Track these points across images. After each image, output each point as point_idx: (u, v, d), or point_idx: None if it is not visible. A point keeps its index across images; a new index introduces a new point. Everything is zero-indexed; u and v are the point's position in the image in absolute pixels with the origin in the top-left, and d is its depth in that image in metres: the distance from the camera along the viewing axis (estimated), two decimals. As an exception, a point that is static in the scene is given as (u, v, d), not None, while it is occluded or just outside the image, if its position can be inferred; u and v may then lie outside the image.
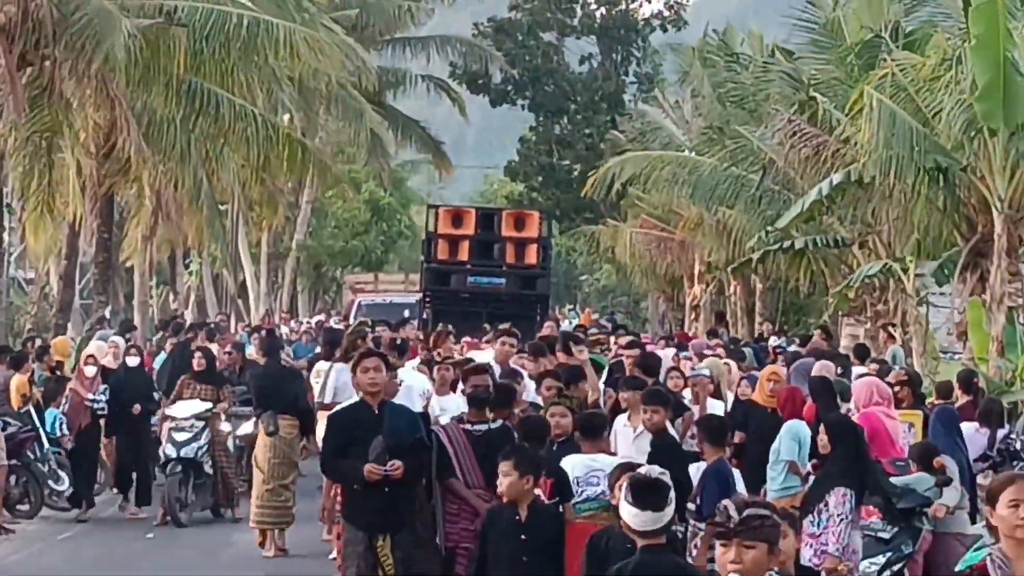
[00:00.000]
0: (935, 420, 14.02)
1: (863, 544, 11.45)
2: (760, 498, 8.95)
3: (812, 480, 11.98)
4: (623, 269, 48.33)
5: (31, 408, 18.92)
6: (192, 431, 18.18)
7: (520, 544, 9.23)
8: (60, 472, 18.81)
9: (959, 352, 23.99)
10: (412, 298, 33.55)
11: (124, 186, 29.24)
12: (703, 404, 14.94)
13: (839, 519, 10.78)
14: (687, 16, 58.86)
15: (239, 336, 29.31)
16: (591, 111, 58.57)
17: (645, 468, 7.73)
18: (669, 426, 11.92)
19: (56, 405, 19.32)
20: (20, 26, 23.20)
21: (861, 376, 16.07)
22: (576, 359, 14.77)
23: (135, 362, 19.66)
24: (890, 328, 25.10)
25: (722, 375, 16.89)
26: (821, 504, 10.92)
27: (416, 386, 14.55)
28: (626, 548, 7.36)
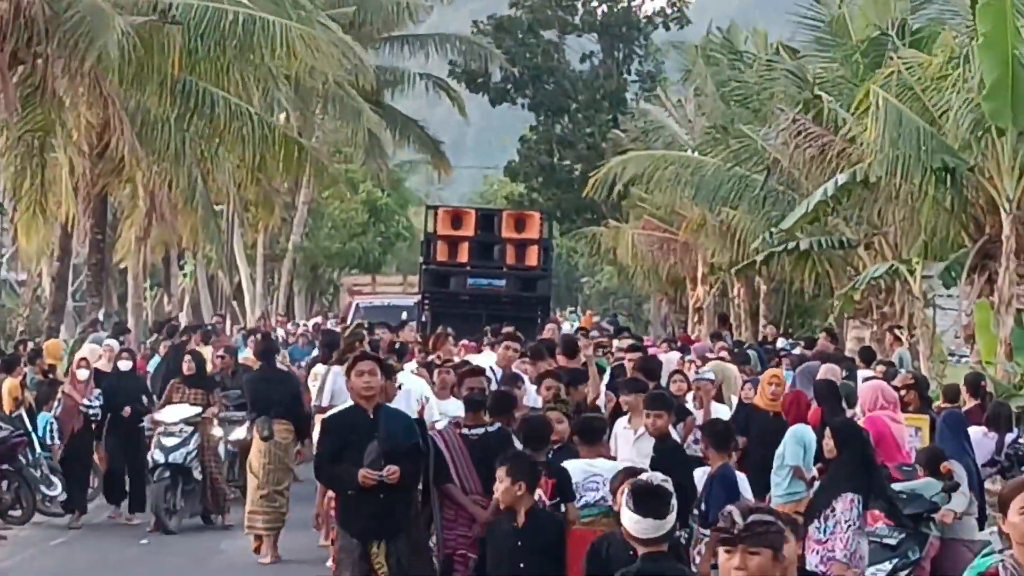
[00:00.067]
0: (942, 424, 14.05)
1: (869, 550, 11.36)
2: (764, 504, 9.03)
3: (818, 485, 11.92)
4: (625, 271, 48.16)
5: (23, 412, 18.77)
6: (181, 436, 17.98)
7: (517, 551, 9.18)
8: (53, 477, 18.65)
9: (966, 355, 24.09)
10: (410, 300, 33.44)
11: (118, 186, 29.29)
12: (707, 409, 14.89)
13: (847, 525, 10.74)
14: (690, 13, 58.98)
15: (235, 339, 29.20)
16: (592, 110, 58.62)
17: (647, 474, 7.68)
18: (671, 430, 11.89)
19: (48, 409, 19.22)
20: (12, 23, 23.03)
21: (867, 379, 15.96)
22: (577, 362, 14.94)
23: (127, 366, 19.43)
24: (896, 331, 25.02)
25: (727, 379, 16.90)
26: (828, 510, 10.87)
27: (414, 390, 14.40)
28: (627, 555, 7.33)
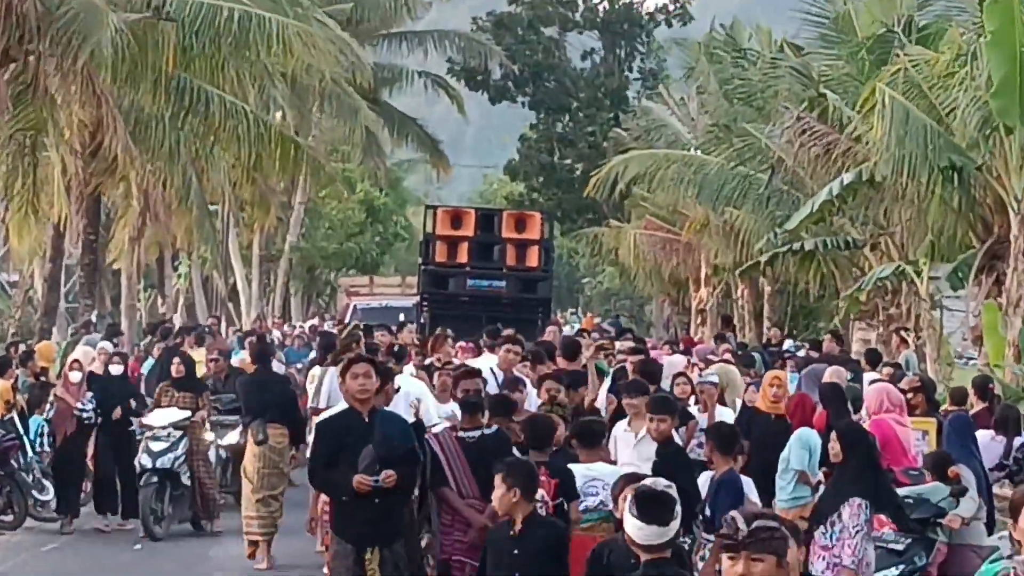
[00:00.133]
0: (949, 427, 13.98)
1: (875, 556, 11.23)
2: (769, 510, 9.09)
3: (823, 490, 11.90)
4: (627, 272, 48.30)
5: (15, 415, 18.61)
6: (169, 441, 17.76)
7: (513, 558, 9.00)
8: (45, 482, 18.54)
9: (974, 357, 24.07)
10: (409, 302, 33.40)
11: (111, 186, 29.20)
12: (711, 412, 14.75)
13: (854, 531, 10.59)
14: (693, 10, 59.25)
15: (230, 341, 29.02)
16: (594, 108, 58.65)
17: (651, 480, 7.66)
18: (674, 434, 11.85)
19: (41, 412, 19.09)
20: (3, 20, 22.95)
21: (873, 382, 16.06)
22: (577, 364, 15.10)
23: (118, 371, 19.13)
24: (903, 333, 25.05)
25: (731, 382, 16.78)
26: (834, 515, 10.69)
27: (412, 391, 14.11)
28: (629, 562, 7.32)
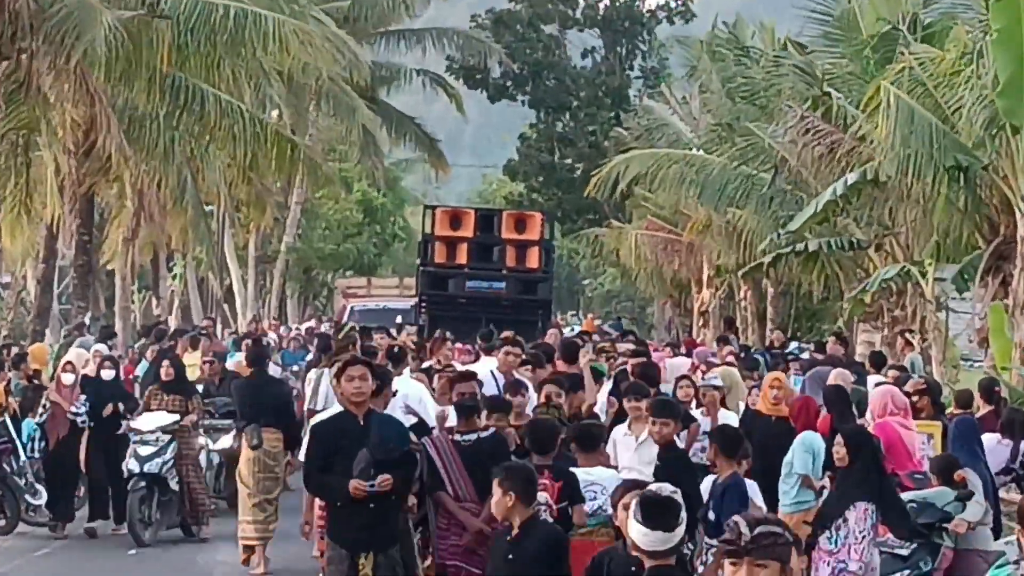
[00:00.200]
0: (954, 431, 13.97)
1: (880, 561, 11.24)
2: (772, 515, 8.66)
3: (828, 494, 11.84)
4: (628, 273, 48.37)
5: (7, 419, 18.44)
6: (157, 445, 17.50)
7: (508, 563, 8.86)
8: (37, 486, 18.33)
9: (980, 360, 24.01)
10: (407, 303, 33.44)
11: (105, 186, 29.30)
12: (714, 416, 14.69)
13: (860, 535, 10.63)
14: (695, 8, 59.41)
15: (226, 343, 28.88)
16: (594, 107, 58.68)
17: (656, 485, 7.65)
18: (675, 437, 11.77)
19: (34, 415, 18.88)
20: (-4, 18, 23.08)
21: (878, 385, 16.02)
22: (577, 367, 15.12)
23: (110, 375, 18.88)
24: (908, 335, 24.89)
25: (734, 385, 16.76)
26: (839, 519, 10.67)
27: (412, 394, 14.09)
28: (630, 571, 7.34)
